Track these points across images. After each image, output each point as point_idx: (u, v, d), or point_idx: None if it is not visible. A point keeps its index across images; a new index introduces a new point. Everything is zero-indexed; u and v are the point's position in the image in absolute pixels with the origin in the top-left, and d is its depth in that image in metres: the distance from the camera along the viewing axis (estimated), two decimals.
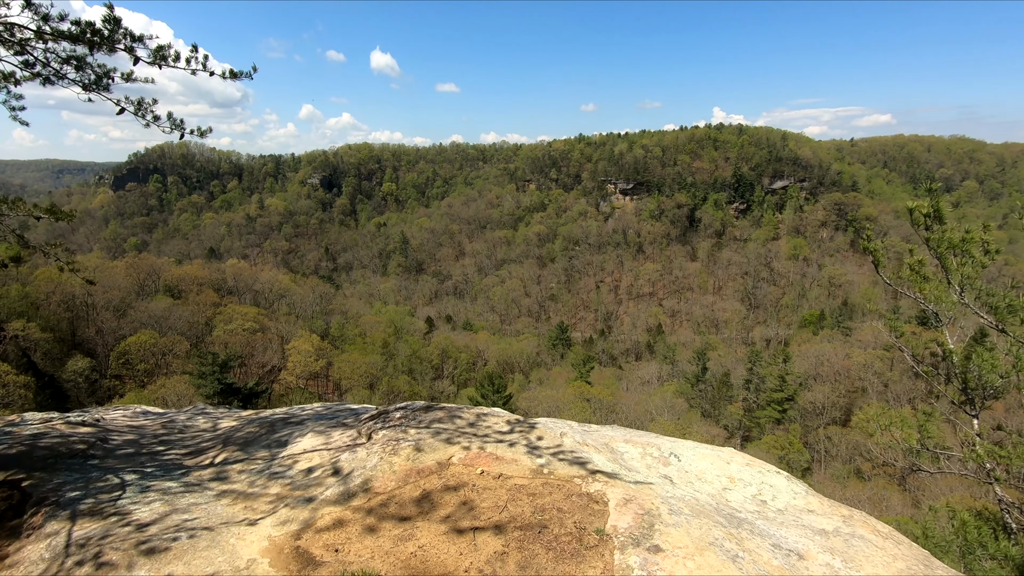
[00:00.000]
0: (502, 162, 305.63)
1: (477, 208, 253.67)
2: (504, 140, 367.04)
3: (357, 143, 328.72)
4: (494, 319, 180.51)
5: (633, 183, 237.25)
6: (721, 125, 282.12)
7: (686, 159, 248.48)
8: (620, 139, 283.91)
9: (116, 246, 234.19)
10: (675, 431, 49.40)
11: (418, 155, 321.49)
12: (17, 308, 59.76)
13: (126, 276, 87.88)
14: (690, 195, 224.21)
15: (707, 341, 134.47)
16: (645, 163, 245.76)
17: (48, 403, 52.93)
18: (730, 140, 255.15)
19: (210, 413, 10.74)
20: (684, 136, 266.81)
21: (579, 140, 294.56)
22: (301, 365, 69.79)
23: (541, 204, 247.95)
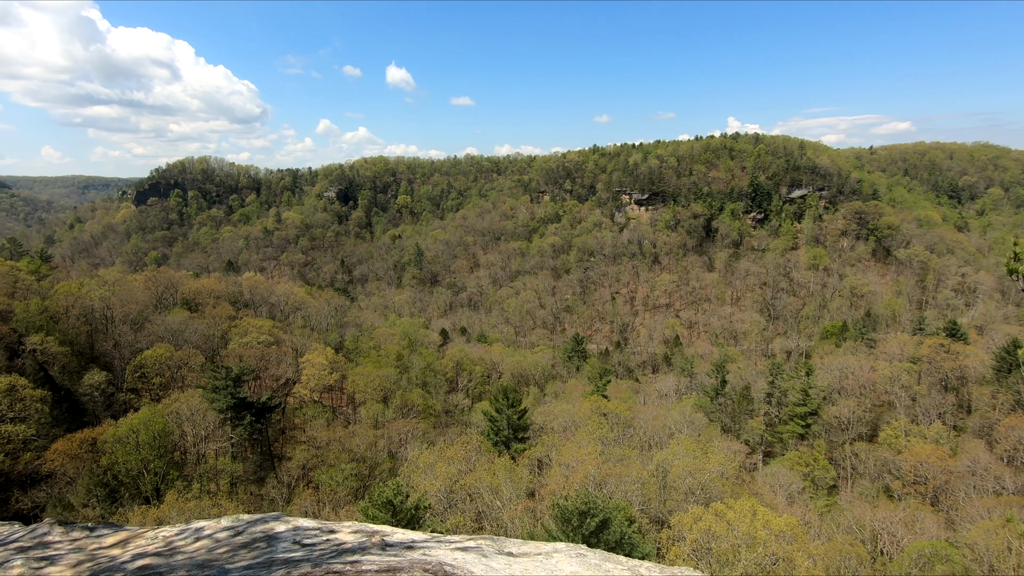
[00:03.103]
0: (516, 174, 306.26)
1: (491, 220, 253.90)
2: (518, 152, 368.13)
3: (373, 156, 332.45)
4: (509, 331, 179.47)
5: (648, 193, 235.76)
6: (737, 134, 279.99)
7: (702, 169, 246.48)
8: (634, 150, 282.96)
9: (137, 259, 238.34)
10: (695, 447, 47.87)
11: (432, 168, 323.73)
12: (36, 322, 60.32)
13: (144, 289, 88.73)
14: (706, 205, 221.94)
15: (726, 353, 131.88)
16: (660, 173, 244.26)
17: (64, 417, 53.10)
18: (746, 149, 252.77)
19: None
20: (699, 146, 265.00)
21: (593, 151, 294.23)
22: (315, 379, 69.39)
23: (555, 215, 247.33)
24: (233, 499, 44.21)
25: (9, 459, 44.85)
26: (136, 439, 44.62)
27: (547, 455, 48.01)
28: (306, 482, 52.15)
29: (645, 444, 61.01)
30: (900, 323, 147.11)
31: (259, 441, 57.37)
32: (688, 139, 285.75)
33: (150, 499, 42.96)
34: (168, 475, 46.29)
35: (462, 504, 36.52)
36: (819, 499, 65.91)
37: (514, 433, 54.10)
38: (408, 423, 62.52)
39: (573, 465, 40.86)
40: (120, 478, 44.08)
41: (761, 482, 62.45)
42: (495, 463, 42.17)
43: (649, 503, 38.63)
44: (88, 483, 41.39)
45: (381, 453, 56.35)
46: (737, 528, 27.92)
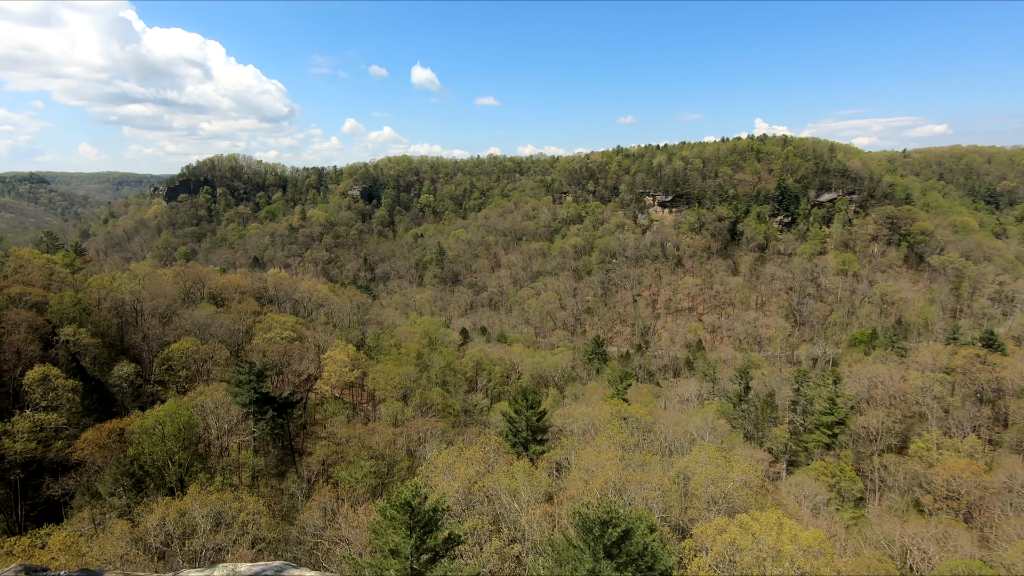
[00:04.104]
0: (539, 174, 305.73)
1: (513, 220, 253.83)
2: (541, 152, 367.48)
3: (397, 156, 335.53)
4: (529, 332, 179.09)
5: (672, 195, 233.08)
6: (764, 136, 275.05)
7: (727, 171, 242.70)
8: (659, 151, 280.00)
9: (167, 254, 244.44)
10: (718, 455, 46.88)
11: (456, 167, 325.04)
12: (70, 313, 61.94)
13: (173, 284, 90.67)
14: (731, 208, 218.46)
15: (750, 359, 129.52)
16: (685, 175, 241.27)
17: (94, 407, 54.40)
18: (774, 151, 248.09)
19: None
20: (725, 147, 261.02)
21: (617, 152, 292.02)
22: (336, 375, 69.98)
23: (578, 216, 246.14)
24: (254, 493, 44.71)
25: (41, 447, 46.05)
26: (162, 431, 45.42)
27: (566, 458, 47.52)
28: (325, 478, 52.55)
29: (666, 450, 60.08)
30: (933, 332, 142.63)
31: (280, 436, 58.01)
32: (714, 140, 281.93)
33: (174, 490, 43.68)
34: (192, 467, 47.04)
35: (480, 506, 36.28)
36: (845, 511, 64.11)
37: (533, 435, 53.72)
38: (427, 422, 62.63)
39: (593, 470, 40.33)
40: (146, 468, 44.92)
41: (785, 492, 60.98)
42: (514, 465, 41.86)
43: (670, 511, 37.91)
44: (115, 472, 42.25)
45: (400, 451, 56.52)
46: (763, 541, 27.12)
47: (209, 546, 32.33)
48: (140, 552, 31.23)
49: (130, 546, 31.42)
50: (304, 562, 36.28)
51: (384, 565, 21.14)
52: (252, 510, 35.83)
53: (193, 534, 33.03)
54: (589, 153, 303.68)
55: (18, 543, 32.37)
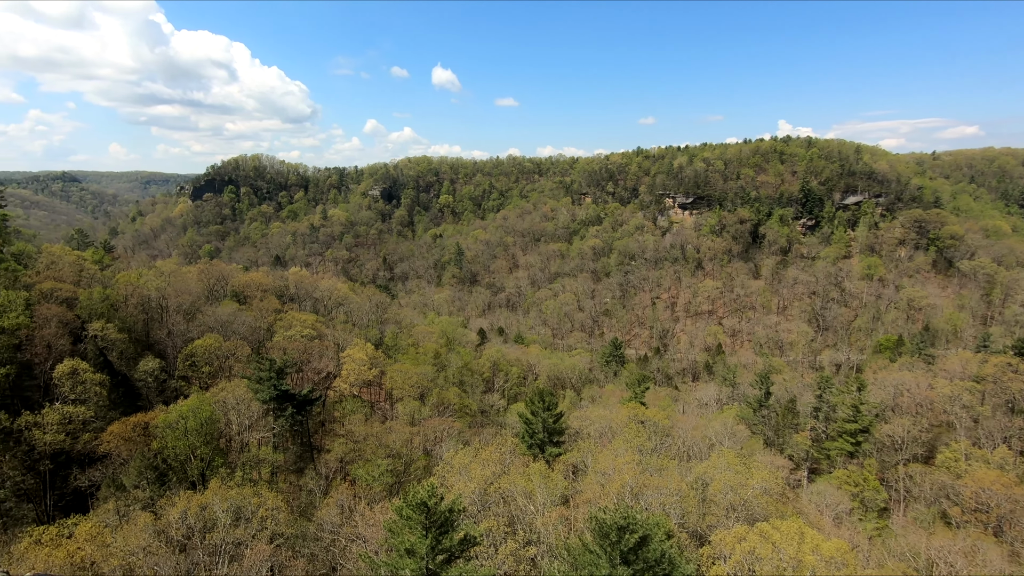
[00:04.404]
0: (558, 175, 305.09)
1: (532, 221, 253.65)
2: (560, 153, 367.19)
3: (417, 156, 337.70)
4: (546, 333, 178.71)
5: (693, 197, 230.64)
6: (788, 138, 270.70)
7: (750, 173, 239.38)
8: (680, 152, 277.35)
9: (192, 252, 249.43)
10: (737, 461, 46.15)
11: (475, 168, 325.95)
12: (98, 309, 63.49)
13: (198, 281, 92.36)
14: (753, 210, 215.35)
15: (771, 363, 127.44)
16: (706, 177, 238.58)
17: (120, 401, 55.68)
18: (798, 153, 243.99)
19: None
20: (748, 149, 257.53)
21: (637, 153, 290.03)
22: (355, 373, 70.59)
23: (597, 217, 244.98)
24: (273, 489, 45.30)
25: (69, 438, 47.27)
26: (185, 425, 46.28)
27: (583, 461, 47.26)
28: (343, 475, 53.02)
29: (684, 455, 59.38)
30: (962, 339, 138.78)
31: (299, 433, 58.71)
32: (736, 142, 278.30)
33: (196, 484, 44.45)
34: (213, 462, 47.84)
35: (495, 507, 36.24)
36: (869, 522, 62.71)
37: (549, 437, 53.53)
38: (444, 421, 62.82)
39: (609, 473, 40.02)
40: (169, 462, 45.81)
41: (806, 500, 59.84)
42: (530, 467, 41.74)
43: (688, 517, 37.42)
44: (140, 465, 43.17)
45: (417, 450, 56.77)
46: (783, 551, 26.58)
47: (229, 540, 32.81)
48: (162, 544, 31.83)
49: (153, 538, 32.04)
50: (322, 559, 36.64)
51: (400, 564, 21.21)
52: (271, 506, 36.30)
53: (213, 528, 33.57)
54: (609, 154, 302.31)
55: (46, 532, 33.23)
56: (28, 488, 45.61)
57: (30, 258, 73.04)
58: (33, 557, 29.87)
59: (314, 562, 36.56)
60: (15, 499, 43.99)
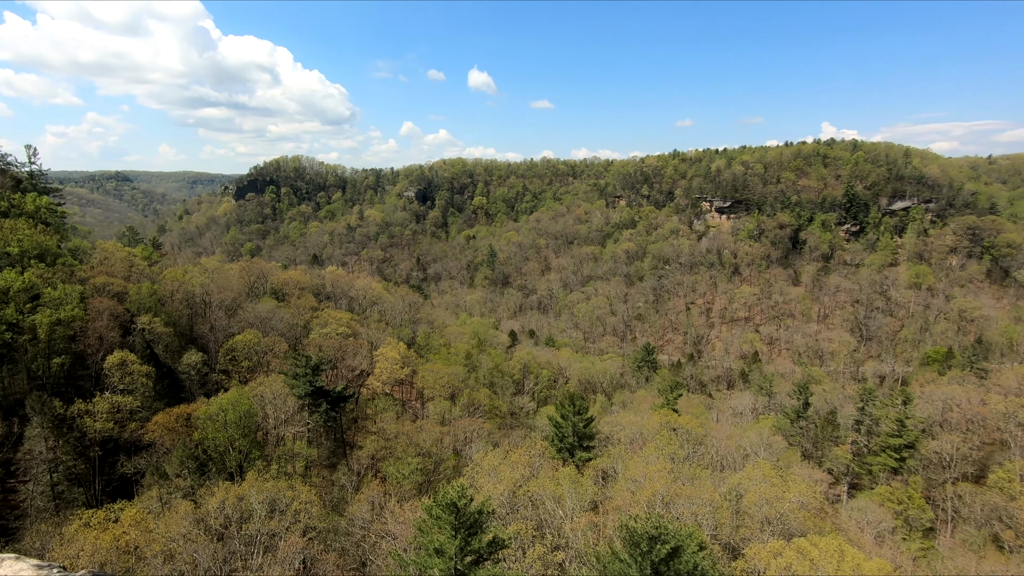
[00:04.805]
0: (592, 178, 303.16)
1: (565, 223, 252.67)
2: (595, 156, 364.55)
3: (451, 158, 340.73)
4: (577, 336, 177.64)
5: (730, 201, 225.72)
6: (832, 140, 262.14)
7: (790, 176, 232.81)
8: (717, 155, 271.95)
9: (234, 250, 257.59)
10: (773, 473, 44.79)
11: (509, 170, 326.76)
12: (146, 303, 66.26)
13: (239, 278, 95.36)
14: (794, 215, 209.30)
15: (810, 373, 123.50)
16: (744, 180, 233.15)
17: (164, 392, 57.88)
18: (842, 157, 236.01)
19: None
20: (789, 152, 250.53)
21: (673, 156, 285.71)
22: (387, 372, 71.63)
23: (631, 221, 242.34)
24: (307, 482, 46.31)
25: (117, 427, 49.41)
26: (224, 418, 47.78)
27: (613, 467, 46.71)
28: (374, 472, 53.79)
29: (717, 464, 58.04)
30: (1018, 353, 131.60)
31: (333, 429, 59.88)
32: (777, 145, 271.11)
33: (233, 475, 45.82)
34: (250, 454, 49.23)
35: (524, 511, 36.13)
36: (913, 542, 60.05)
37: (579, 441, 53.12)
38: (474, 422, 63.10)
39: (640, 481, 39.43)
40: (209, 453, 47.36)
41: (846, 516, 57.69)
42: (559, 471, 41.49)
43: (721, 529, 36.54)
44: (182, 455, 44.76)
45: (446, 450, 57.16)
46: (821, 569, 25.63)
47: (264, 531, 33.65)
48: (201, 532, 32.87)
49: (192, 526, 33.14)
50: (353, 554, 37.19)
51: (428, 564, 21.35)
52: (304, 499, 37.08)
53: (250, 519, 34.50)
54: (644, 157, 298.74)
55: (95, 515, 34.78)
56: (79, 473, 47.86)
57: (85, 254, 76.70)
58: (82, 539, 31.27)
59: (345, 557, 37.17)
60: (67, 483, 46.20)
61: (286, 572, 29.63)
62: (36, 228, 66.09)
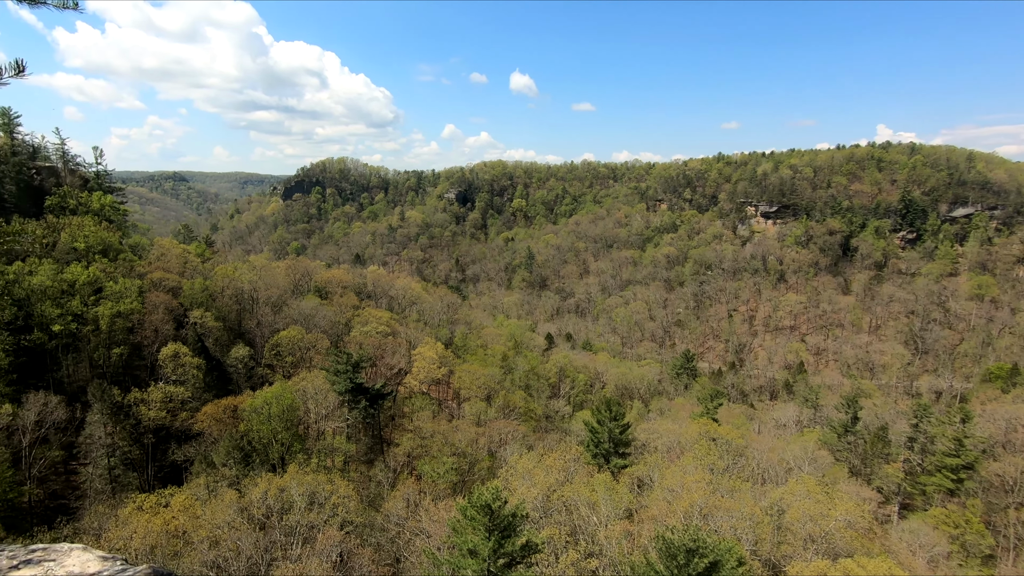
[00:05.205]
0: (633, 181, 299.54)
1: (604, 227, 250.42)
2: (636, 159, 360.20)
3: (492, 161, 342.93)
4: (615, 341, 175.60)
5: (777, 206, 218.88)
6: (888, 144, 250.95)
7: (842, 181, 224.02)
8: (764, 158, 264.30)
9: (281, 248, 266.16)
10: (819, 489, 43.05)
11: (549, 172, 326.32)
12: (199, 298, 69.27)
13: (285, 276, 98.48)
14: (845, 221, 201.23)
15: (859, 386, 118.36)
16: (792, 184, 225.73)
17: (213, 384, 60.27)
18: (899, 160, 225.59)
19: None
20: (841, 156, 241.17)
21: (718, 159, 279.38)
22: (425, 371, 72.58)
23: (672, 225, 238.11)
24: (345, 477, 47.37)
25: (169, 416, 51.79)
26: (269, 411, 49.42)
27: (649, 476, 45.90)
28: (410, 470, 54.54)
29: (758, 477, 56.26)
30: None
31: (371, 425, 61.05)
32: (828, 148, 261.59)
33: (276, 467, 47.30)
34: (292, 447, 50.73)
35: (558, 515, 35.92)
36: (970, 568, 56.71)
37: (615, 447, 52.46)
38: (509, 424, 63.16)
39: (677, 491, 38.60)
40: (253, 444, 49.06)
41: (896, 538, 54.93)
42: (594, 477, 41.08)
43: (761, 545, 35.39)
44: (228, 445, 46.52)
45: (481, 451, 57.41)
46: None
47: (303, 523, 34.57)
48: (245, 521, 34.04)
49: (236, 514, 34.35)
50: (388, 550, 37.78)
51: (462, 564, 21.47)
52: (342, 493, 37.91)
53: (290, 510, 35.51)
54: (687, 160, 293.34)
55: (147, 500, 36.51)
56: (134, 458, 50.34)
57: (144, 250, 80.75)
58: (135, 522, 32.85)
59: (380, 552, 37.79)
60: (123, 467, 48.67)
61: (324, 564, 30.35)
62: (100, 225, 70.00)
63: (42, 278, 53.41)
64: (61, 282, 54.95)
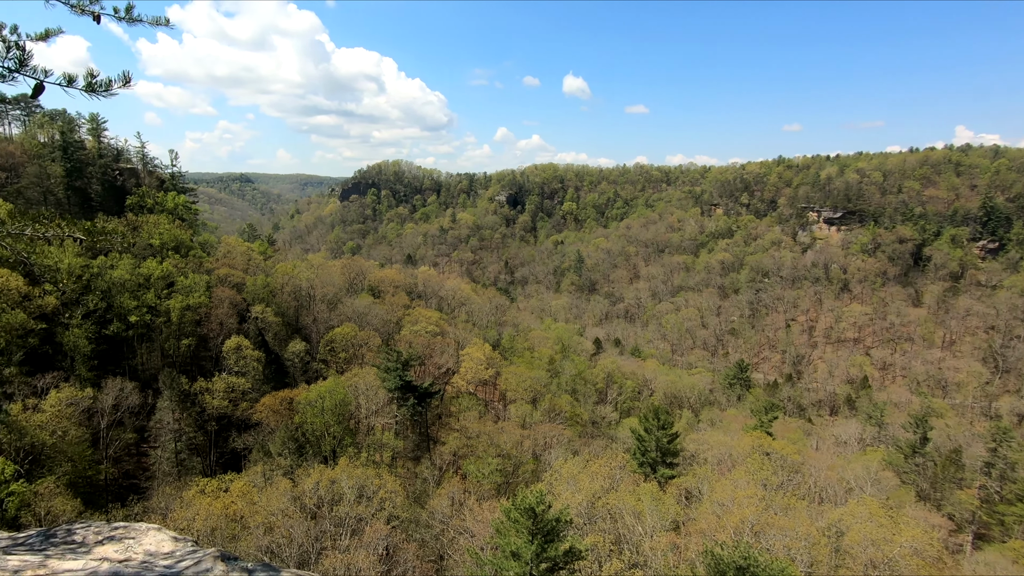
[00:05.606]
0: (687, 185, 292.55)
1: (656, 231, 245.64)
2: (691, 162, 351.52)
3: (543, 163, 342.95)
4: (665, 348, 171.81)
5: (842, 211, 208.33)
6: (968, 146, 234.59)
7: (915, 186, 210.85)
8: (828, 162, 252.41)
9: (337, 248, 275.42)
10: (882, 512, 40.58)
11: (600, 176, 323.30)
12: (260, 294, 72.69)
13: (340, 275, 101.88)
14: (918, 228, 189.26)
15: (930, 405, 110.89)
16: (859, 189, 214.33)
17: (272, 377, 63.01)
18: (980, 164, 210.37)
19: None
20: (914, 159, 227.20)
21: (778, 163, 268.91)
22: (472, 372, 73.36)
23: (728, 230, 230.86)
24: (392, 472, 48.45)
25: (231, 405, 54.53)
26: (322, 404, 51.23)
27: (698, 488, 44.60)
28: (455, 469, 55.18)
29: (815, 496, 53.67)
30: None
31: (418, 423, 62.20)
32: (899, 151, 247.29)
33: (327, 459, 48.92)
34: (343, 440, 52.37)
35: (602, 523, 35.44)
36: None
37: (662, 457, 51.27)
38: (554, 428, 62.88)
39: (727, 505, 37.32)
40: (307, 436, 51.00)
41: (969, 570, 51.14)
42: (640, 486, 40.29)
43: (817, 567, 33.68)
44: (284, 436, 48.55)
45: (526, 453, 57.42)
46: None
47: (352, 515, 35.58)
48: (297, 510, 35.38)
49: (290, 503, 35.75)
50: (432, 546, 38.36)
51: (505, 566, 21.52)
52: (390, 488, 38.79)
53: (340, 502, 36.63)
54: (745, 163, 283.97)
55: (209, 484, 38.53)
56: (198, 444, 53.24)
57: (212, 247, 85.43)
58: (198, 504, 34.72)
59: (424, 548, 38.42)
60: (188, 451, 51.57)
61: (370, 556, 31.12)
62: (174, 223, 74.58)
63: (121, 272, 57.38)
64: (138, 276, 58.87)
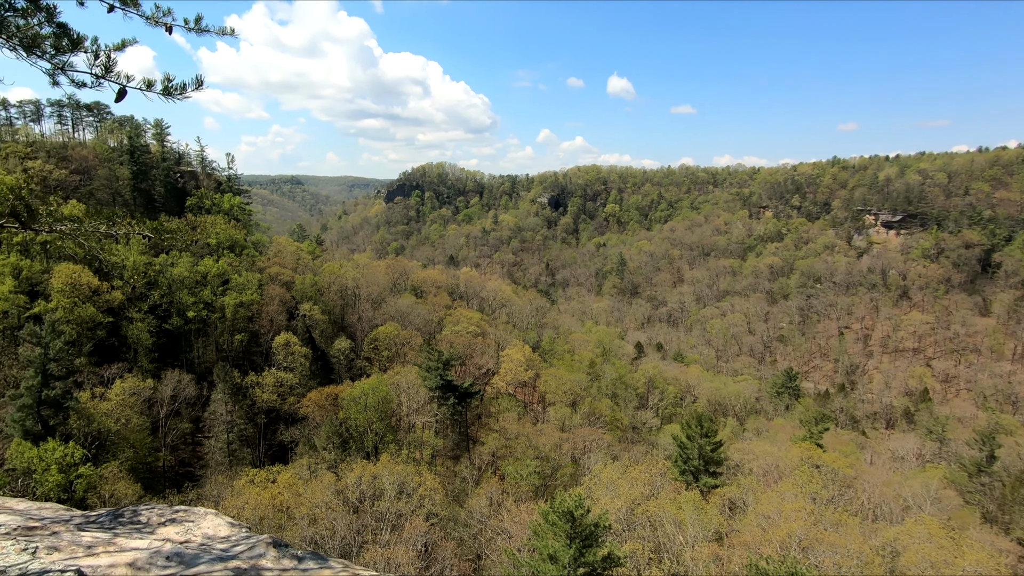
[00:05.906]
0: (735, 186, 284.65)
1: (702, 234, 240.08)
2: (739, 163, 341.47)
3: (585, 165, 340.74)
4: (709, 354, 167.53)
5: (902, 215, 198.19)
6: None
7: (983, 188, 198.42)
8: (887, 162, 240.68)
9: (382, 248, 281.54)
10: (943, 533, 38.31)
11: (644, 177, 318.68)
12: (308, 293, 75.16)
13: (384, 275, 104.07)
14: (986, 233, 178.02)
15: (998, 421, 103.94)
16: (921, 191, 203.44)
17: (319, 372, 64.98)
18: None
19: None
20: (983, 160, 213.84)
21: (832, 163, 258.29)
22: (512, 373, 73.55)
23: (777, 233, 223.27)
24: (432, 470, 49.13)
25: (279, 399, 56.55)
26: (366, 401, 52.47)
27: (742, 499, 43.26)
28: (494, 469, 55.45)
29: (868, 513, 51.20)
30: None
31: (458, 422, 62.83)
32: (967, 151, 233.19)
33: (369, 455, 50.06)
34: (385, 437, 53.50)
35: (641, 530, 34.87)
36: None
37: (705, 465, 49.98)
38: (594, 432, 62.33)
39: (774, 518, 36.05)
40: (351, 431, 52.31)
41: None
42: (681, 495, 39.43)
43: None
44: (328, 431, 49.95)
45: (565, 456, 57.13)
46: None
47: (393, 511, 36.26)
48: (340, 503, 36.33)
49: (333, 496, 36.75)
50: (469, 545, 38.65)
51: (542, 568, 21.47)
52: (429, 486, 39.34)
53: (381, 497, 37.40)
54: (797, 164, 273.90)
55: (258, 475, 40.06)
56: (248, 436, 55.43)
57: (264, 247, 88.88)
58: (248, 493, 36.14)
59: (462, 546, 38.75)
60: (239, 442, 53.75)
61: (410, 552, 31.62)
62: (229, 223, 77.95)
63: (181, 269, 60.41)
64: (196, 273, 61.86)
